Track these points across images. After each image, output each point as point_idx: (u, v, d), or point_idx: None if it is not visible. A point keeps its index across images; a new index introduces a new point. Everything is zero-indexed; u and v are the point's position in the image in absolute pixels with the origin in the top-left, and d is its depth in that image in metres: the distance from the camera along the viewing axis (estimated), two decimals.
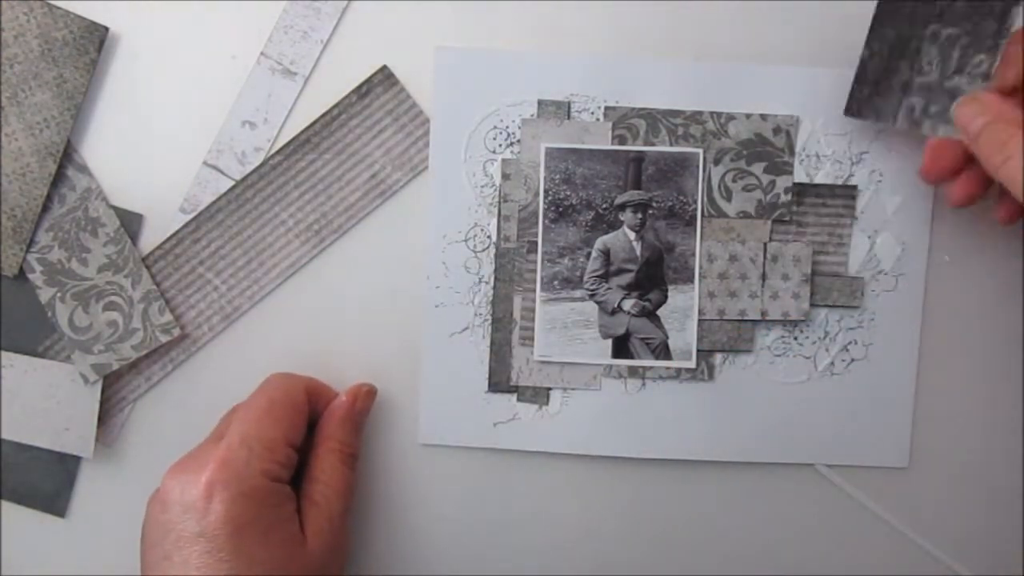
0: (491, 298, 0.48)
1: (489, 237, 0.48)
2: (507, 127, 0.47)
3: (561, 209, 0.47)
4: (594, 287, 0.47)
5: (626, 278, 0.47)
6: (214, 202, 0.47)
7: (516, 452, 0.49)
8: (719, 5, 0.47)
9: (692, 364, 0.48)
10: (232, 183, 0.47)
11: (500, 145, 0.47)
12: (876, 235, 0.48)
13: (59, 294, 0.47)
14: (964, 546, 0.49)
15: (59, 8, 0.46)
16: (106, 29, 0.46)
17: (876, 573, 0.50)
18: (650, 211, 0.47)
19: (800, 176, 0.47)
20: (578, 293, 0.47)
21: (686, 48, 0.47)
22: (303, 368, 0.48)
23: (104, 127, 0.47)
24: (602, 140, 0.47)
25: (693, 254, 0.47)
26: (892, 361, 0.49)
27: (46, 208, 0.47)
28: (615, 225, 0.47)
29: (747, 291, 0.48)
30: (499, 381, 0.48)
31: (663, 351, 0.48)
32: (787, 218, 0.47)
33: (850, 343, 0.48)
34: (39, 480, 0.48)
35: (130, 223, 0.47)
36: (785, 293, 0.48)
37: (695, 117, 0.47)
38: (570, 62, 0.47)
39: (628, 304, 0.47)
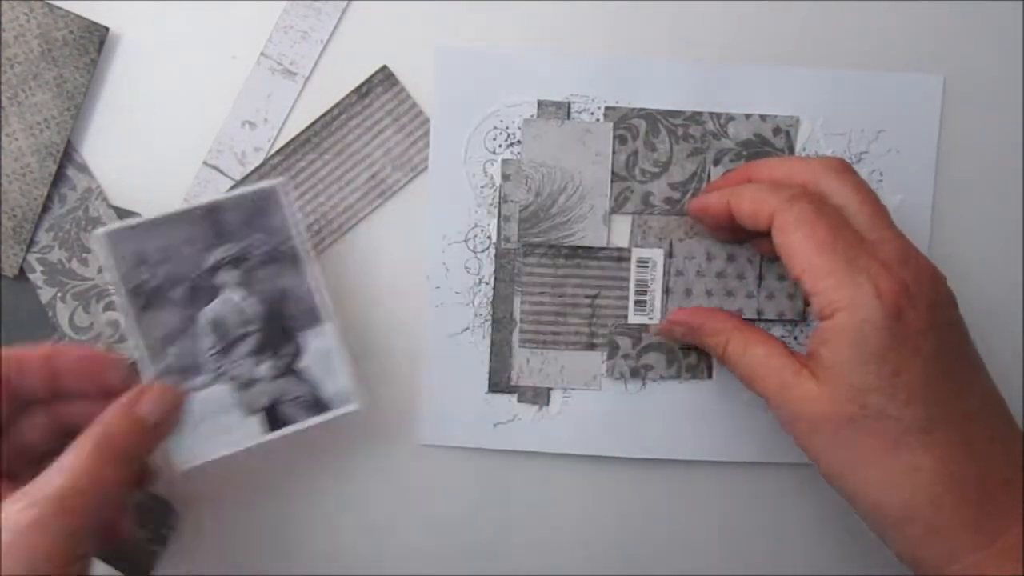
0: (491, 298, 0.48)
1: (489, 238, 0.48)
2: (507, 127, 0.47)
3: (146, 296, 0.40)
4: (217, 366, 0.41)
5: (250, 343, 0.42)
6: None
7: (516, 452, 0.49)
8: (719, 5, 0.47)
9: (355, 406, 0.44)
10: (232, 183, 0.47)
11: (500, 145, 0.47)
12: None
13: (60, 294, 0.47)
14: None
15: (59, 8, 0.46)
16: (106, 29, 0.46)
17: (876, 573, 0.50)
18: (248, 263, 0.41)
19: None
20: (202, 379, 0.41)
21: (686, 48, 0.47)
22: None
23: (104, 127, 0.47)
24: (603, 141, 0.47)
25: (312, 291, 0.42)
26: None
27: (46, 208, 0.47)
28: (215, 292, 0.41)
29: (744, 291, 0.48)
30: (499, 381, 0.48)
31: (318, 404, 0.43)
32: None
33: None
34: None
35: None
36: (781, 293, 0.48)
37: (695, 118, 0.47)
38: (570, 62, 0.47)
39: (263, 369, 0.42)
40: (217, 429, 0.41)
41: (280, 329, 0.42)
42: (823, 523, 0.50)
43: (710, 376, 0.48)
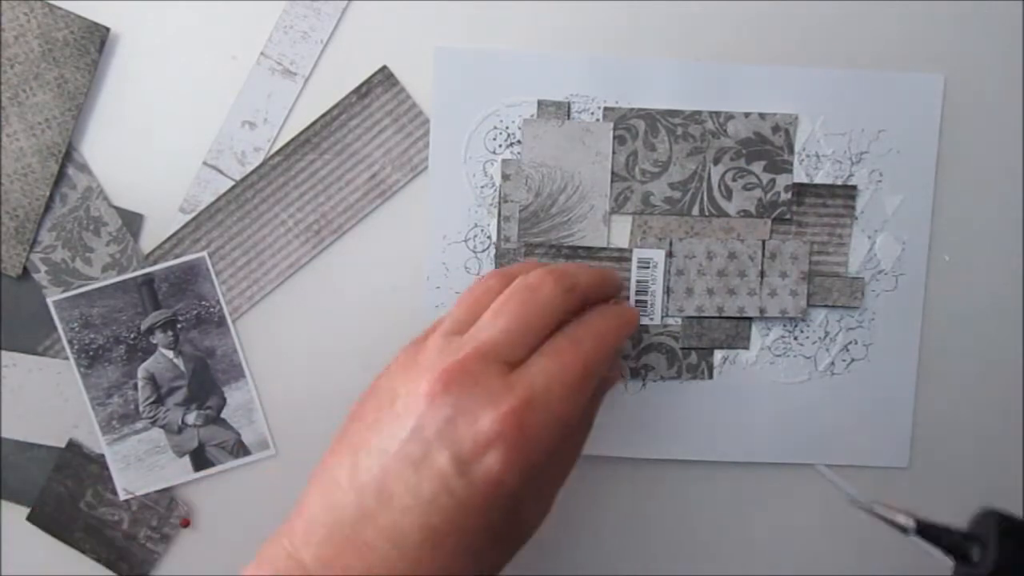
0: None
1: (489, 238, 0.48)
2: (507, 127, 0.47)
3: (92, 353, 0.47)
4: (152, 414, 0.48)
5: (180, 395, 0.48)
6: (214, 202, 0.47)
7: None
8: (719, 5, 0.47)
9: (272, 452, 0.48)
10: (232, 183, 0.47)
11: (500, 145, 0.47)
12: (876, 235, 0.48)
13: (65, 293, 0.47)
14: None
15: (60, 8, 0.46)
16: (107, 29, 0.46)
17: (876, 573, 0.50)
18: (179, 325, 0.47)
19: (800, 176, 0.47)
20: (140, 424, 0.48)
21: (686, 48, 0.47)
22: (301, 369, 0.48)
23: (105, 127, 0.47)
24: (603, 141, 0.47)
25: (235, 351, 0.48)
26: (892, 361, 0.49)
27: (48, 208, 0.47)
28: (151, 350, 0.47)
29: (746, 288, 0.48)
30: None
31: (240, 449, 0.48)
32: (787, 217, 0.47)
33: (850, 343, 0.48)
34: (40, 480, 0.48)
35: (130, 223, 0.47)
36: (783, 291, 0.48)
37: (694, 117, 0.47)
38: (570, 62, 0.47)
39: (191, 418, 0.48)
40: (153, 467, 0.48)
41: (207, 384, 0.48)
42: (822, 523, 0.50)
43: (710, 376, 0.48)
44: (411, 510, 0.35)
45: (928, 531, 0.35)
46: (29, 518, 0.48)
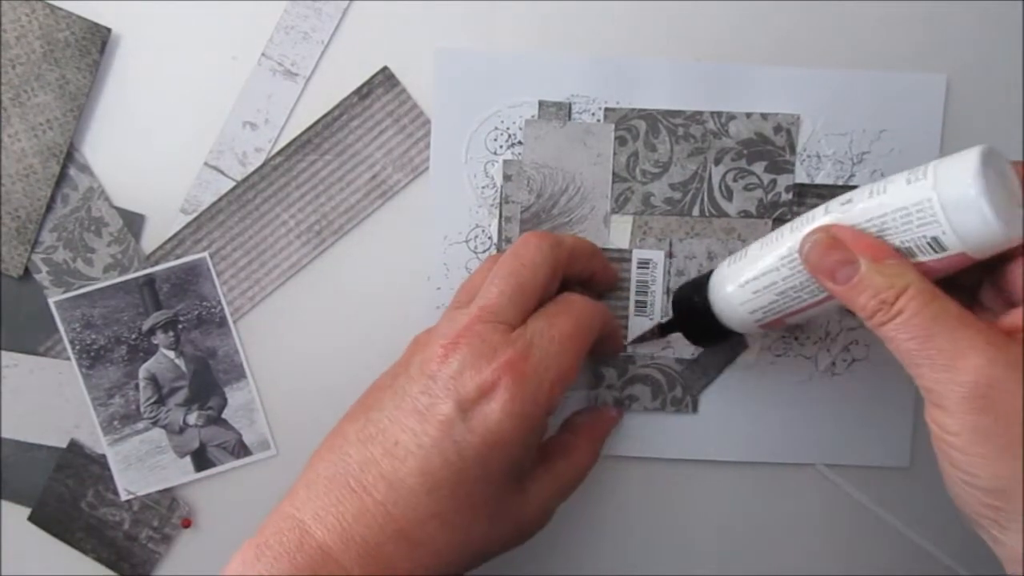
0: None
1: (490, 238, 0.48)
2: (508, 128, 0.47)
3: (93, 354, 0.47)
4: (153, 414, 0.48)
5: (181, 395, 0.48)
6: (215, 203, 0.47)
7: None
8: (719, 5, 0.47)
9: (273, 452, 0.48)
10: (233, 184, 0.47)
11: (501, 146, 0.47)
12: None
13: (67, 293, 0.47)
14: (964, 546, 0.49)
15: (61, 9, 0.46)
16: (108, 30, 0.46)
17: (876, 573, 0.50)
18: (180, 326, 0.47)
19: (801, 177, 0.47)
20: (141, 425, 0.48)
21: (686, 48, 0.47)
22: (303, 369, 0.48)
23: (106, 127, 0.47)
24: (604, 142, 0.47)
25: (237, 351, 0.48)
26: (893, 361, 0.48)
27: (49, 208, 0.47)
28: (152, 350, 0.48)
29: None
30: None
31: (241, 449, 0.48)
32: (788, 217, 0.47)
33: (851, 343, 0.48)
34: (41, 480, 0.48)
35: (132, 223, 0.47)
36: None
37: (695, 117, 0.47)
38: (571, 62, 0.47)
39: (192, 418, 0.48)
40: (154, 467, 0.48)
41: (208, 384, 0.48)
42: (822, 523, 0.49)
43: (695, 410, 0.48)
44: (413, 455, 0.37)
45: (663, 327, 0.46)
46: (30, 518, 0.48)
